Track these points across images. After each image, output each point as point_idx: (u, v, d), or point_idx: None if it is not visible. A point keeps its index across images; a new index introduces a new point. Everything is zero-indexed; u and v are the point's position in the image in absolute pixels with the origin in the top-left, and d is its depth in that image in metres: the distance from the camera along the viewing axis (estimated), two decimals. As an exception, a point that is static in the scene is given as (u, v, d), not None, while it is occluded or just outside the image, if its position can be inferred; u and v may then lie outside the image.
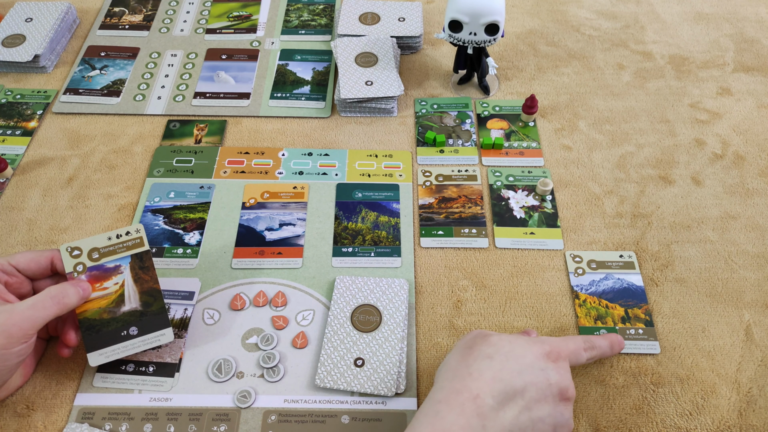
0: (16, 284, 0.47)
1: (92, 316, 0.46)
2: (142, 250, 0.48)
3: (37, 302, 0.44)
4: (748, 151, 0.66)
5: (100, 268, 0.47)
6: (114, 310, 0.46)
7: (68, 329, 0.48)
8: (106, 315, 0.46)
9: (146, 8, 0.83)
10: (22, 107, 0.70)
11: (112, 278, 0.47)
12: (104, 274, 0.47)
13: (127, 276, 0.47)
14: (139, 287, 0.47)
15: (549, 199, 0.62)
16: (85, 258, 0.47)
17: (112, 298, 0.47)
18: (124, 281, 0.47)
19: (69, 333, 0.48)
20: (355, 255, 0.57)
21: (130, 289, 0.47)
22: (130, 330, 0.47)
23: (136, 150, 0.66)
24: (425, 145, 0.67)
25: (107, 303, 0.47)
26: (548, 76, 0.74)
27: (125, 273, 0.48)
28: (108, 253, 0.48)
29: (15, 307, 0.43)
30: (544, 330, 0.53)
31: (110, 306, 0.46)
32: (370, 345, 0.51)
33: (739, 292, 0.55)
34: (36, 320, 0.43)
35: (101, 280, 0.47)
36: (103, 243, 0.48)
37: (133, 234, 0.48)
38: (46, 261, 0.48)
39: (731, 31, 0.80)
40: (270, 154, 0.66)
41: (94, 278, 0.47)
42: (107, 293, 0.47)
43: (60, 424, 0.47)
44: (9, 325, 0.42)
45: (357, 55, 0.71)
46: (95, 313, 0.46)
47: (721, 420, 0.48)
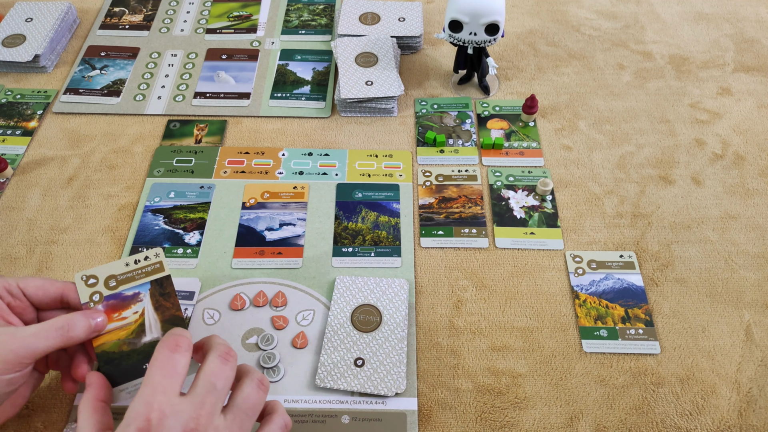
0: (19, 309, 0.43)
1: (111, 349, 0.42)
2: (162, 276, 0.44)
3: (41, 330, 0.39)
4: (748, 151, 0.66)
5: (117, 296, 0.43)
6: (134, 342, 0.43)
7: (80, 362, 0.44)
8: (126, 347, 0.42)
9: (146, 8, 0.83)
10: (22, 107, 0.70)
11: (131, 307, 0.43)
12: (122, 302, 0.43)
13: (147, 304, 0.44)
14: (161, 315, 0.43)
15: (549, 199, 0.62)
16: (101, 287, 0.43)
17: (132, 328, 0.43)
18: (144, 310, 0.43)
19: (81, 366, 0.43)
20: (355, 255, 0.57)
21: (151, 318, 0.43)
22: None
23: (136, 150, 0.66)
24: (425, 145, 0.67)
25: (126, 334, 0.43)
26: (548, 76, 0.74)
27: (145, 301, 0.44)
28: (126, 280, 0.44)
29: (17, 331, 0.39)
30: (544, 330, 0.53)
31: (130, 337, 0.43)
32: (370, 345, 0.51)
33: (739, 292, 0.55)
34: (36, 350, 0.39)
35: (119, 310, 0.43)
36: (121, 270, 0.44)
37: (152, 259, 0.44)
38: (56, 292, 0.44)
39: (731, 31, 0.80)
40: (270, 154, 0.66)
41: (111, 308, 0.43)
42: (126, 323, 0.43)
43: (60, 424, 0.47)
44: (5, 351, 0.38)
45: (357, 55, 0.71)
46: (114, 345, 0.42)
47: (721, 420, 0.48)
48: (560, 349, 0.52)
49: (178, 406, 0.35)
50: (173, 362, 0.37)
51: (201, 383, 0.37)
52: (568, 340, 0.52)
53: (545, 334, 0.53)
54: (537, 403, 0.49)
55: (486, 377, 0.50)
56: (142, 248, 0.58)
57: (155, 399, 0.35)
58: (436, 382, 0.50)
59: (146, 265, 0.44)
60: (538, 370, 0.51)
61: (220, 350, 0.39)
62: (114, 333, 0.42)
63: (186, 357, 0.38)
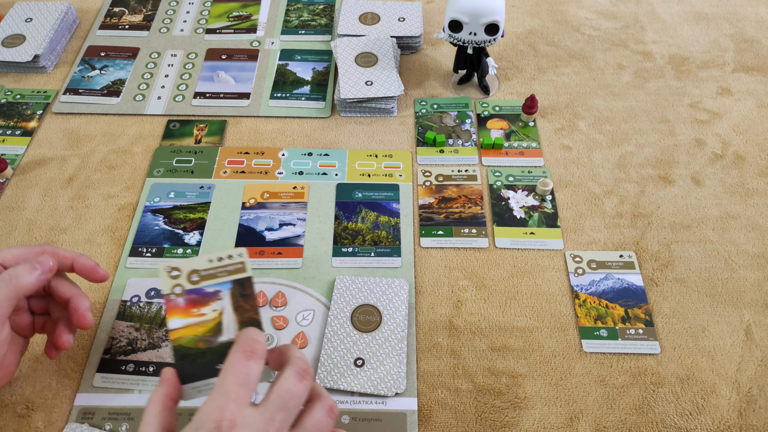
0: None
1: (187, 344, 0.41)
2: (244, 276, 0.43)
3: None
4: (748, 151, 0.66)
5: (198, 292, 0.43)
6: (210, 340, 0.42)
7: (61, 330, 0.46)
8: (202, 344, 0.41)
9: (146, 8, 0.83)
10: (22, 107, 0.70)
11: (211, 304, 0.42)
12: (203, 298, 0.42)
13: (226, 303, 0.43)
14: (239, 317, 0.42)
15: (549, 199, 0.62)
16: (184, 280, 0.43)
17: (210, 326, 0.42)
18: (223, 309, 0.42)
19: (62, 335, 0.45)
20: (355, 255, 0.57)
21: (229, 318, 0.42)
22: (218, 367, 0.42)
23: (136, 150, 0.66)
24: (425, 145, 0.67)
25: (204, 331, 0.42)
26: (548, 76, 0.74)
27: (225, 300, 0.43)
28: (208, 277, 0.43)
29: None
30: (544, 330, 0.53)
31: (207, 335, 0.42)
32: (370, 345, 0.51)
33: (739, 292, 0.55)
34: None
35: (199, 305, 0.42)
36: (204, 265, 0.43)
37: (236, 258, 0.44)
38: (35, 257, 0.44)
39: (731, 31, 0.80)
40: (270, 154, 0.66)
41: (191, 302, 0.42)
42: (204, 320, 0.42)
43: (60, 424, 0.47)
44: None
45: (357, 55, 0.71)
46: (190, 341, 0.41)
47: (721, 420, 0.48)
48: (560, 349, 0.52)
49: (249, 419, 0.35)
50: (247, 370, 0.37)
51: (274, 398, 0.37)
52: (568, 340, 0.52)
53: (545, 334, 0.53)
54: (537, 403, 0.49)
55: (486, 377, 0.50)
56: (142, 248, 0.58)
57: (227, 407, 0.35)
58: (436, 382, 0.50)
59: (229, 264, 0.44)
60: (538, 370, 0.51)
61: (298, 367, 0.38)
62: (192, 328, 0.42)
63: (260, 365, 0.37)
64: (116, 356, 0.51)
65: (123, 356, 0.51)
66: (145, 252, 0.57)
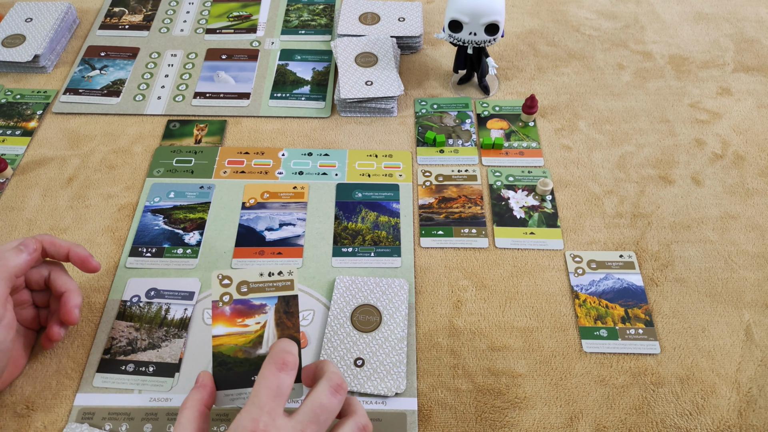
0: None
1: (227, 352, 0.43)
2: (290, 294, 0.45)
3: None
4: (748, 151, 0.66)
5: (245, 303, 0.44)
6: (250, 351, 0.43)
7: (53, 323, 0.49)
8: (241, 354, 0.43)
9: (146, 8, 0.83)
10: (22, 107, 0.70)
11: (255, 317, 0.44)
12: (248, 310, 0.44)
13: (270, 318, 0.44)
14: (280, 332, 0.43)
15: (549, 199, 0.62)
16: (233, 289, 0.44)
17: (251, 337, 0.43)
18: (266, 323, 0.44)
19: (53, 326, 0.48)
20: (355, 255, 0.57)
21: (270, 333, 0.44)
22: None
23: (136, 150, 0.66)
24: (425, 145, 0.67)
25: (245, 341, 0.43)
26: (548, 76, 0.74)
27: (269, 314, 0.44)
28: (256, 290, 0.45)
29: None
30: (544, 330, 0.53)
31: (247, 345, 0.43)
32: (370, 345, 0.51)
33: (739, 292, 0.55)
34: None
35: (243, 316, 0.44)
36: (254, 278, 0.45)
37: (285, 275, 0.45)
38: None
39: (731, 31, 0.80)
40: (270, 154, 0.66)
41: (237, 312, 0.44)
42: (246, 331, 0.43)
43: (60, 424, 0.47)
44: None
45: (357, 55, 0.71)
46: (231, 349, 0.43)
47: (721, 420, 0.48)
48: (560, 349, 0.52)
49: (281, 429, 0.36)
50: (279, 381, 0.38)
51: (306, 410, 0.37)
52: (568, 340, 0.52)
53: (545, 334, 0.53)
54: (537, 403, 0.49)
55: (486, 377, 0.50)
56: (142, 248, 0.58)
57: (261, 418, 0.36)
58: (436, 382, 0.50)
59: (278, 280, 0.45)
60: (537, 370, 0.51)
61: (332, 381, 0.39)
62: (233, 337, 0.43)
63: (291, 376, 0.38)
64: (116, 356, 0.51)
65: (123, 356, 0.51)
66: (145, 252, 0.57)
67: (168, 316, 0.53)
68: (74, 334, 0.52)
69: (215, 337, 0.43)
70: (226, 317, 0.43)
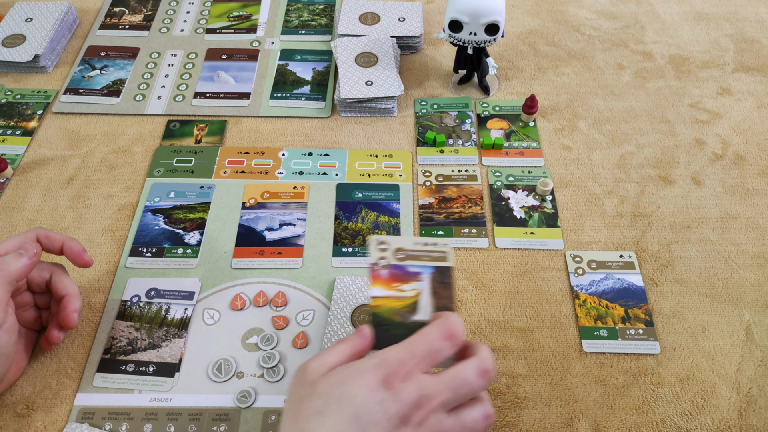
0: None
1: (383, 314, 0.44)
2: (446, 265, 0.45)
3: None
4: (748, 151, 0.66)
5: (401, 269, 0.45)
6: (405, 315, 0.44)
7: (52, 326, 0.49)
8: (397, 317, 0.44)
9: (146, 8, 0.83)
10: (22, 107, 0.70)
11: (410, 283, 0.45)
12: (404, 275, 0.45)
13: (425, 286, 0.45)
14: (434, 301, 0.44)
15: (549, 199, 0.62)
16: (390, 254, 0.45)
17: (406, 302, 0.44)
18: (421, 290, 0.45)
19: (52, 329, 0.49)
20: (355, 255, 0.57)
21: (426, 300, 0.44)
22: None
23: (136, 150, 0.66)
24: (425, 145, 0.67)
25: (400, 306, 0.44)
26: (548, 76, 0.74)
27: (424, 282, 0.45)
28: (413, 257, 0.45)
29: None
30: (544, 330, 0.53)
31: (403, 310, 0.44)
32: (370, 345, 0.51)
33: (739, 292, 0.55)
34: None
35: (399, 281, 0.45)
36: (411, 245, 0.46)
37: (440, 246, 0.46)
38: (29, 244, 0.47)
39: (731, 31, 0.80)
40: (270, 154, 0.66)
41: (393, 277, 0.45)
42: (402, 296, 0.44)
43: (60, 424, 0.47)
44: None
45: (357, 55, 0.71)
46: (387, 311, 0.44)
47: (721, 420, 0.48)
48: (560, 349, 0.52)
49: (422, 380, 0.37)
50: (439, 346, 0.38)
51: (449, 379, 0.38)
52: (567, 340, 0.52)
53: (545, 334, 0.52)
54: (537, 403, 0.49)
55: (486, 377, 0.50)
56: (142, 248, 0.58)
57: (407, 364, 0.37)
58: (436, 382, 0.50)
59: (434, 251, 0.46)
60: (537, 370, 0.51)
61: (483, 363, 0.39)
62: (389, 300, 0.44)
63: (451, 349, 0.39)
64: (116, 356, 0.51)
65: (123, 356, 0.51)
66: (145, 252, 0.57)
67: (168, 316, 0.53)
68: (74, 334, 0.52)
69: (374, 298, 0.44)
70: (383, 280, 0.44)
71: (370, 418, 0.35)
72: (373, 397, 0.36)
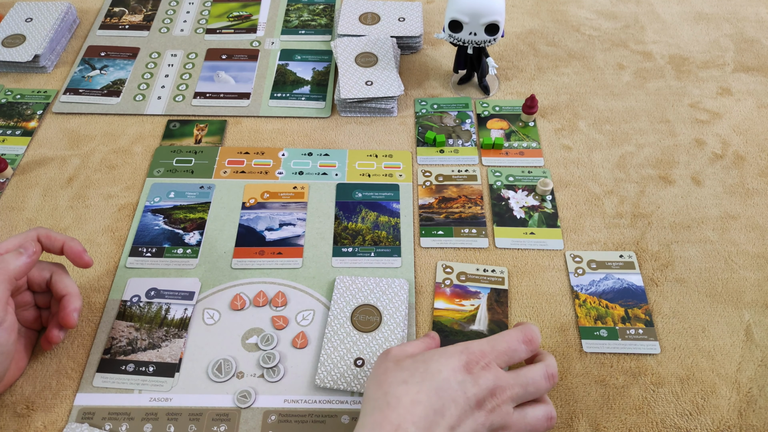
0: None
1: (445, 322, 0.53)
2: (502, 288, 0.55)
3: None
4: (748, 151, 0.66)
5: (463, 288, 0.55)
6: (464, 325, 0.52)
7: (52, 326, 0.49)
8: (456, 326, 0.52)
9: (146, 8, 0.83)
10: (22, 107, 0.70)
11: (470, 300, 0.54)
12: (465, 293, 0.54)
13: (483, 302, 0.54)
14: (490, 315, 0.53)
15: (549, 199, 0.62)
16: (454, 276, 0.55)
17: (465, 315, 0.53)
18: (479, 306, 0.53)
19: (52, 329, 0.49)
20: (355, 255, 0.57)
21: (483, 314, 0.53)
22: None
23: (136, 150, 0.66)
24: (425, 145, 0.67)
25: (460, 317, 0.53)
26: (548, 76, 0.74)
27: (482, 300, 0.54)
28: (473, 280, 0.55)
29: None
30: (544, 330, 0.53)
31: (462, 320, 0.53)
32: (370, 345, 0.51)
33: (739, 292, 0.55)
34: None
35: (461, 298, 0.54)
36: (472, 271, 0.55)
37: (498, 273, 0.55)
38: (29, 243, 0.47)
39: (731, 31, 0.80)
40: (270, 154, 0.66)
41: (456, 294, 0.54)
42: (462, 309, 0.53)
43: (60, 424, 0.47)
44: None
45: (357, 55, 0.71)
46: (448, 321, 0.53)
47: (721, 420, 0.48)
48: (560, 349, 0.52)
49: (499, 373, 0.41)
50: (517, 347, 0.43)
51: (522, 375, 0.42)
52: (567, 340, 0.52)
53: (545, 334, 0.52)
54: (537, 403, 0.49)
55: (486, 377, 0.50)
56: (142, 248, 0.58)
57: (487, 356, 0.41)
58: (436, 382, 0.50)
59: (492, 276, 0.55)
60: (538, 370, 0.50)
61: (550, 368, 0.43)
62: (451, 312, 0.53)
63: (527, 353, 0.43)
64: (116, 356, 0.51)
65: (123, 356, 0.51)
66: (145, 252, 0.57)
67: (168, 316, 0.53)
68: (74, 334, 0.52)
69: (436, 309, 0.53)
70: (446, 296, 0.54)
71: (451, 394, 0.39)
72: (455, 377, 0.39)
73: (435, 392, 0.39)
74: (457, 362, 0.40)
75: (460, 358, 0.41)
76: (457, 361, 0.40)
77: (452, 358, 0.41)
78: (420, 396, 0.38)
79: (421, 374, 0.40)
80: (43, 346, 0.50)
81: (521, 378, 0.41)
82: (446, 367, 0.40)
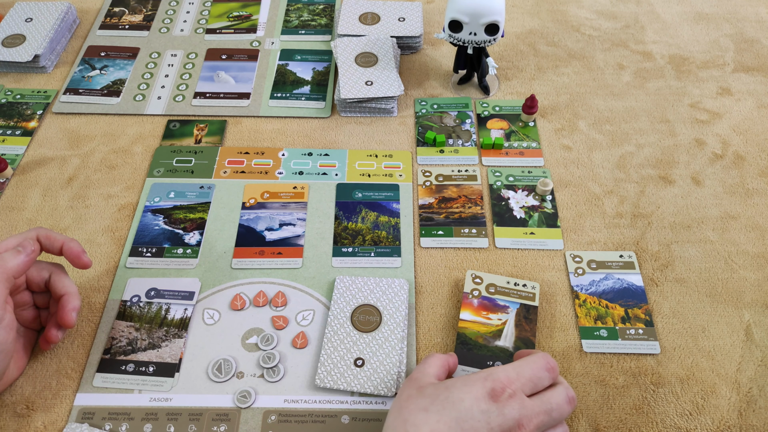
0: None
1: (469, 335, 0.51)
2: (532, 304, 0.53)
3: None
4: (748, 151, 0.66)
5: (491, 300, 0.53)
6: (489, 339, 0.51)
7: (51, 326, 0.49)
8: (481, 340, 0.51)
9: (146, 8, 0.83)
10: (22, 107, 0.70)
11: (498, 313, 0.52)
12: (493, 306, 0.53)
13: (510, 318, 0.52)
14: (517, 332, 0.51)
15: (549, 199, 0.62)
16: (482, 287, 0.54)
17: (491, 329, 0.51)
18: (506, 321, 0.52)
19: (51, 329, 0.49)
20: (355, 255, 0.57)
21: (510, 330, 0.51)
22: (495, 363, 0.50)
23: (136, 150, 0.66)
24: (425, 145, 0.67)
25: (486, 331, 0.51)
26: (548, 76, 0.74)
27: (510, 315, 0.52)
28: (502, 293, 0.53)
29: None
30: (544, 330, 0.53)
31: (487, 334, 0.51)
32: (370, 345, 0.51)
33: (739, 292, 0.55)
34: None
35: (488, 311, 0.52)
36: (502, 283, 0.54)
37: (529, 288, 0.54)
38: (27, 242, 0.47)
39: (731, 31, 0.80)
40: (270, 154, 0.66)
41: (483, 306, 0.53)
42: (488, 323, 0.52)
43: (60, 424, 0.47)
44: None
45: (357, 55, 0.71)
46: (473, 333, 0.51)
47: (721, 420, 0.48)
48: (560, 349, 0.52)
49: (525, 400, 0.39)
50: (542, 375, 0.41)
51: (545, 401, 0.40)
52: (568, 340, 0.52)
53: (545, 334, 0.52)
54: (537, 403, 0.49)
55: (486, 377, 0.50)
56: (142, 248, 0.58)
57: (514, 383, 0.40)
58: (436, 382, 0.50)
59: (522, 290, 0.54)
60: (538, 370, 0.50)
61: (570, 392, 0.42)
62: (477, 325, 0.52)
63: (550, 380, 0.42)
64: (116, 356, 0.51)
65: (123, 356, 0.51)
66: (145, 252, 0.57)
67: (168, 316, 0.53)
68: (74, 334, 0.52)
69: (462, 321, 0.52)
70: (473, 307, 0.52)
71: (472, 424, 0.38)
72: (479, 406, 0.38)
73: (455, 422, 0.38)
74: (480, 390, 0.39)
75: (484, 385, 0.39)
76: (481, 389, 0.39)
77: (475, 386, 0.39)
78: (439, 426, 0.37)
79: (442, 402, 0.39)
80: (41, 345, 0.50)
81: (546, 405, 0.40)
82: (469, 396, 0.39)
